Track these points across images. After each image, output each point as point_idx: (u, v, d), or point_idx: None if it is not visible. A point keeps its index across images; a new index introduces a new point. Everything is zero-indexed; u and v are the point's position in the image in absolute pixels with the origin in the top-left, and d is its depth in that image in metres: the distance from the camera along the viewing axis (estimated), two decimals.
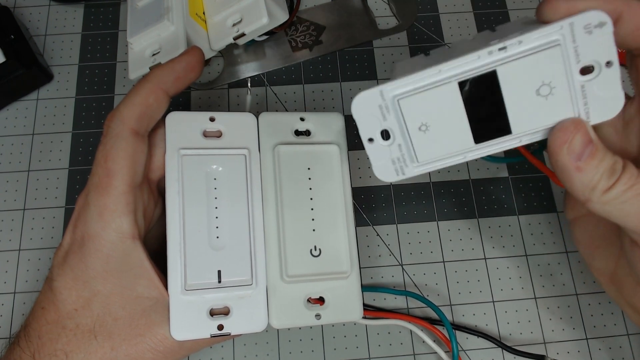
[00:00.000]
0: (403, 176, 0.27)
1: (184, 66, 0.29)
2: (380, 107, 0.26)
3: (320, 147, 0.31)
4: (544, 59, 0.23)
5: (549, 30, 0.23)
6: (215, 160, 0.29)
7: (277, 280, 0.29)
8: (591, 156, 0.24)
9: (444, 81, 0.24)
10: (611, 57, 0.23)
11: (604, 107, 0.24)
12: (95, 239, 0.27)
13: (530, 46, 0.23)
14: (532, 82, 0.24)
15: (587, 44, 0.23)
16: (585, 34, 0.23)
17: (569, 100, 0.24)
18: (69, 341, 0.26)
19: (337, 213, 0.30)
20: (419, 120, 0.25)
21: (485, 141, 0.25)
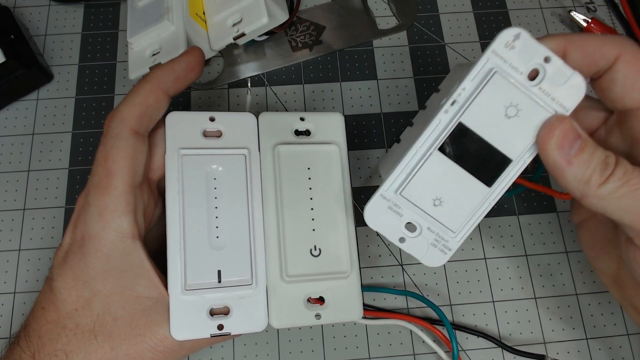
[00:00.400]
0: (451, 252, 0.27)
1: (184, 66, 0.29)
2: (390, 208, 0.27)
3: (320, 147, 0.31)
4: (493, 89, 0.25)
5: (480, 65, 0.25)
6: (215, 160, 0.29)
7: (277, 280, 0.29)
8: (581, 149, 0.24)
9: (426, 155, 0.26)
10: (544, 54, 0.25)
11: (570, 93, 0.25)
12: (95, 238, 0.27)
13: (474, 86, 0.25)
14: (497, 111, 0.25)
15: (517, 56, 0.25)
16: (509, 50, 0.25)
17: (538, 106, 0.25)
18: (69, 341, 0.26)
19: (337, 213, 0.30)
20: (429, 198, 0.26)
21: (496, 180, 0.26)
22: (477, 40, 0.43)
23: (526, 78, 0.25)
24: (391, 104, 0.41)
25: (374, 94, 0.41)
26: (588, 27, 0.41)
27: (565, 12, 0.44)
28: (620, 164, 0.24)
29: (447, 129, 0.25)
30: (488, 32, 0.43)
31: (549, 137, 0.25)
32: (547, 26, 0.44)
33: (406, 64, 0.42)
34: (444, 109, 0.25)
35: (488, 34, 0.43)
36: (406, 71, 0.42)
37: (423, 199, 0.26)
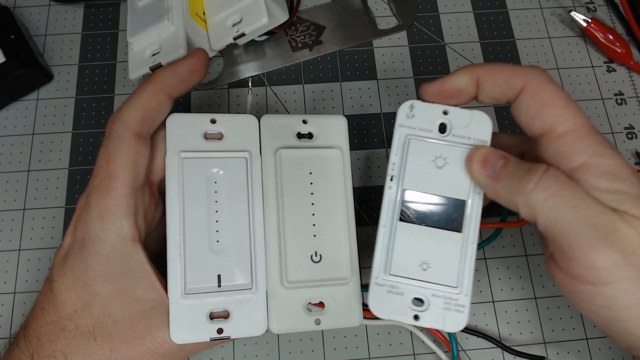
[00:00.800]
0: (466, 309, 0.28)
1: (188, 69, 0.29)
2: (390, 291, 0.28)
3: (323, 151, 0.31)
4: (415, 152, 0.28)
5: (396, 139, 0.29)
6: (216, 164, 0.29)
7: (277, 285, 0.29)
8: (504, 166, 0.26)
9: (393, 230, 0.28)
10: (440, 109, 0.29)
11: (479, 127, 0.28)
12: (96, 240, 0.27)
13: (400, 158, 0.28)
14: (428, 167, 0.28)
15: (420, 121, 0.29)
16: (412, 119, 0.29)
17: (458, 147, 0.28)
18: (68, 342, 0.26)
19: (339, 218, 0.30)
20: (416, 265, 0.28)
21: (463, 223, 0.28)
22: (477, 40, 0.43)
23: (438, 133, 0.28)
24: (391, 104, 0.41)
25: (374, 94, 0.41)
26: (588, 27, 0.41)
27: (565, 12, 0.44)
28: (551, 173, 0.25)
29: (398, 201, 0.28)
30: (488, 32, 0.43)
31: (471, 163, 0.27)
32: (547, 26, 0.44)
33: (406, 64, 0.42)
34: (387, 187, 0.28)
35: (488, 34, 0.43)
36: (406, 71, 0.42)
37: (411, 269, 0.28)
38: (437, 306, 0.28)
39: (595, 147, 0.25)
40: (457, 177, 0.28)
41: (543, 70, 0.27)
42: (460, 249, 0.28)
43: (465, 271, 0.28)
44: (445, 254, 0.28)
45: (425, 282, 0.28)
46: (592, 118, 0.41)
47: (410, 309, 0.28)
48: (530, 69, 0.27)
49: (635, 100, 0.42)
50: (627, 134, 0.41)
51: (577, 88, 0.42)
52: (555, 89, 0.26)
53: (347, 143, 0.32)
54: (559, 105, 0.26)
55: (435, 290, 0.28)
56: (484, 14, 0.44)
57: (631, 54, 0.42)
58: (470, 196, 0.28)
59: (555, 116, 0.26)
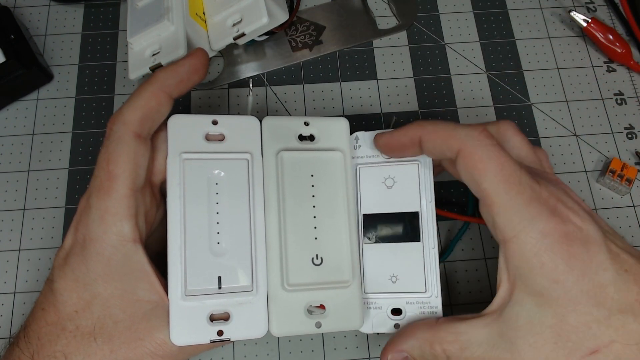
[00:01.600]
0: (439, 309, 0.30)
1: (188, 69, 0.29)
2: (370, 308, 0.31)
3: (324, 153, 0.31)
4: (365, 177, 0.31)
5: None
6: (217, 165, 0.29)
7: (277, 288, 0.29)
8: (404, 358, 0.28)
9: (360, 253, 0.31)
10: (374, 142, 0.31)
11: None
12: (97, 241, 0.27)
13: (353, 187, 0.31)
14: (380, 189, 0.31)
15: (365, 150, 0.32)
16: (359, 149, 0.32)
17: (404, 166, 0.31)
18: (68, 343, 0.26)
19: (340, 221, 0.30)
20: (386, 280, 0.31)
21: (419, 232, 0.30)
22: (477, 40, 0.43)
23: (383, 156, 0.31)
24: (391, 104, 0.41)
25: (374, 94, 0.41)
26: (588, 27, 0.41)
27: (565, 12, 0.44)
28: None
29: (359, 226, 0.31)
30: (488, 32, 0.43)
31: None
32: (547, 26, 0.44)
33: (406, 64, 0.42)
34: (355, 200, 0.31)
35: (488, 34, 0.43)
36: (406, 71, 0.42)
37: (383, 284, 0.30)
38: (412, 312, 0.30)
39: (522, 213, 0.25)
40: (406, 192, 0.31)
41: (483, 130, 0.26)
42: (422, 256, 0.30)
43: (431, 275, 0.30)
44: (410, 264, 0.30)
45: (398, 293, 0.30)
46: (592, 118, 0.41)
47: (390, 319, 0.30)
48: (469, 131, 0.27)
49: (635, 100, 0.42)
50: (627, 134, 0.41)
51: (577, 88, 0.42)
52: (488, 152, 0.26)
53: (348, 145, 0.32)
54: (490, 172, 0.26)
55: (408, 299, 0.30)
56: (484, 14, 0.44)
57: (631, 54, 0.42)
58: (422, 206, 0.31)
59: (487, 182, 0.26)
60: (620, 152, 0.40)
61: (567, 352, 0.24)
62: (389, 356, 0.29)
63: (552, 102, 0.41)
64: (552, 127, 0.41)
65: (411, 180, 0.31)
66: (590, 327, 0.24)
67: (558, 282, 0.24)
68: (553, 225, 0.25)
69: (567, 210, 0.25)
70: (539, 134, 0.40)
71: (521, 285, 0.26)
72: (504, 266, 0.26)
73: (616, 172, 0.38)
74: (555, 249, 0.24)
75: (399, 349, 0.28)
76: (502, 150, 0.26)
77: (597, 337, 0.24)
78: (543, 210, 0.25)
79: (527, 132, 0.40)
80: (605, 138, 0.40)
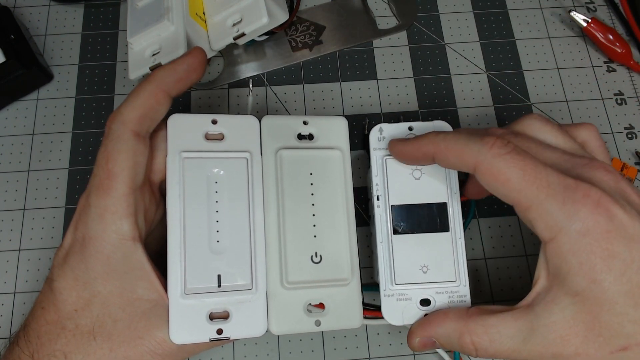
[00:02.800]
0: (467, 297, 0.31)
1: (186, 67, 0.29)
2: (399, 299, 0.30)
3: (323, 152, 0.31)
4: (393, 169, 0.31)
5: (374, 163, 0.32)
6: (217, 164, 0.29)
7: (277, 286, 0.29)
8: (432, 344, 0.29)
9: (390, 244, 0.31)
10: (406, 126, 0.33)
11: None
12: (96, 240, 0.27)
13: (382, 178, 0.31)
14: (408, 181, 0.31)
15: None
16: (383, 141, 0.32)
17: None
18: (68, 342, 0.26)
19: (339, 219, 0.30)
20: (417, 270, 0.31)
21: (448, 222, 0.31)
22: (477, 40, 0.43)
23: None
24: (391, 104, 0.41)
25: (374, 94, 0.41)
26: (588, 27, 0.41)
27: (565, 12, 0.44)
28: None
29: (388, 217, 0.31)
30: (488, 32, 0.43)
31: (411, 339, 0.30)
32: (547, 26, 0.44)
33: (406, 64, 0.42)
34: (375, 206, 0.31)
35: (488, 34, 0.43)
36: (406, 71, 0.42)
37: (414, 275, 0.30)
38: (442, 302, 0.30)
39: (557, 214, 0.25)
40: (434, 183, 0.31)
41: (496, 141, 0.26)
42: (451, 246, 0.31)
43: (459, 264, 0.31)
44: (440, 254, 0.31)
45: (428, 283, 0.30)
46: (592, 118, 0.41)
47: (419, 310, 0.30)
48: (481, 145, 0.26)
49: (635, 100, 0.42)
50: (627, 134, 0.41)
51: (577, 88, 0.42)
52: (506, 162, 0.25)
53: (347, 144, 0.32)
54: (513, 180, 0.25)
55: (438, 288, 0.30)
56: (484, 14, 0.44)
57: (631, 54, 0.42)
58: (449, 197, 0.31)
59: (514, 192, 0.25)
60: (620, 152, 0.40)
61: (597, 345, 0.24)
62: (416, 339, 0.29)
63: (552, 102, 0.41)
64: None
65: (439, 172, 0.31)
66: (624, 326, 0.24)
67: (596, 282, 0.24)
68: (593, 223, 0.24)
69: (613, 205, 0.25)
70: None
71: (559, 284, 0.26)
72: (544, 264, 0.26)
73: None
74: (593, 249, 0.24)
75: (427, 335, 0.29)
76: (520, 154, 0.26)
77: (630, 336, 0.24)
78: (580, 208, 0.24)
79: None
80: (605, 138, 0.40)
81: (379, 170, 0.32)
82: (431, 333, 0.29)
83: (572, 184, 0.25)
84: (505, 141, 0.26)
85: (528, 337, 0.26)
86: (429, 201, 0.31)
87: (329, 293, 0.30)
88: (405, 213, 0.31)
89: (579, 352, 0.25)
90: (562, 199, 0.25)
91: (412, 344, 0.29)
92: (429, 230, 0.31)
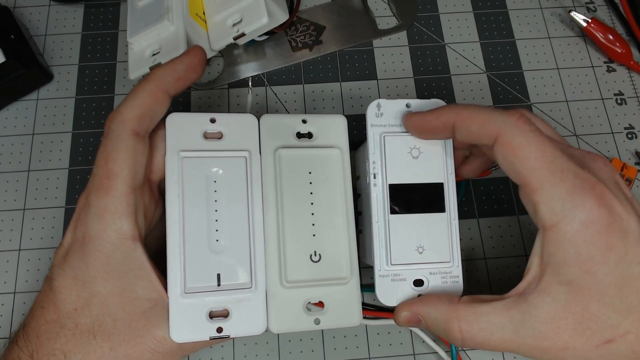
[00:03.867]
0: (460, 278, 0.31)
1: (185, 66, 0.29)
2: (393, 280, 0.30)
3: (322, 151, 0.31)
4: (391, 147, 0.31)
5: (370, 139, 0.31)
6: (216, 163, 0.29)
7: (276, 285, 0.29)
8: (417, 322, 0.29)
9: (386, 224, 0.30)
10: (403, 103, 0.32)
11: None
12: (96, 239, 0.27)
13: (379, 155, 0.31)
14: (406, 159, 0.31)
15: (387, 119, 0.31)
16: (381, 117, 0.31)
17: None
18: (67, 341, 0.26)
19: (338, 218, 0.30)
20: (413, 251, 0.30)
21: (444, 203, 0.31)
22: (477, 40, 0.43)
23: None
24: None
25: (374, 94, 0.41)
26: (588, 27, 0.41)
27: (565, 12, 0.44)
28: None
29: (385, 196, 0.30)
30: (488, 32, 0.43)
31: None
32: (547, 26, 0.44)
33: (406, 64, 0.42)
34: (372, 184, 0.30)
35: (488, 34, 0.43)
36: (406, 71, 0.42)
37: (409, 255, 0.30)
38: (435, 282, 0.30)
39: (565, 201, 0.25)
40: (432, 162, 0.31)
41: (521, 116, 0.26)
42: (447, 226, 0.31)
43: (453, 245, 0.31)
44: (436, 234, 0.30)
45: (424, 263, 0.30)
46: (592, 118, 0.41)
47: (413, 290, 0.30)
48: (506, 117, 0.26)
49: (635, 100, 0.42)
50: (627, 134, 0.41)
51: (577, 88, 0.42)
52: (528, 138, 0.25)
53: (346, 142, 0.32)
54: (531, 158, 0.25)
55: (432, 269, 0.30)
56: (484, 14, 0.44)
57: (631, 54, 0.42)
58: (446, 178, 0.31)
59: (528, 170, 0.25)
60: (620, 152, 0.40)
61: (585, 339, 0.25)
62: (403, 313, 0.29)
63: (552, 102, 0.41)
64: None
65: (437, 151, 0.31)
66: (610, 316, 0.24)
67: (590, 273, 0.24)
68: (597, 215, 0.24)
69: (613, 199, 0.25)
70: None
71: (552, 272, 0.26)
72: (539, 252, 0.26)
73: None
74: (594, 240, 0.24)
75: (416, 312, 0.29)
76: (542, 135, 0.26)
77: (615, 327, 0.24)
78: (587, 199, 0.25)
79: None
80: (605, 138, 0.40)
81: (377, 148, 0.31)
82: (419, 311, 0.29)
83: (581, 174, 0.25)
84: (530, 120, 0.26)
85: (519, 328, 0.26)
86: (427, 181, 0.31)
87: (328, 292, 0.30)
88: (402, 192, 0.30)
89: (567, 346, 0.25)
90: (571, 186, 0.25)
91: (398, 318, 0.29)
92: (426, 210, 0.30)
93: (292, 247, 0.29)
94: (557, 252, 0.25)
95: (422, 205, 0.30)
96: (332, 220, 0.30)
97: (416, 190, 0.30)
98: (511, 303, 0.26)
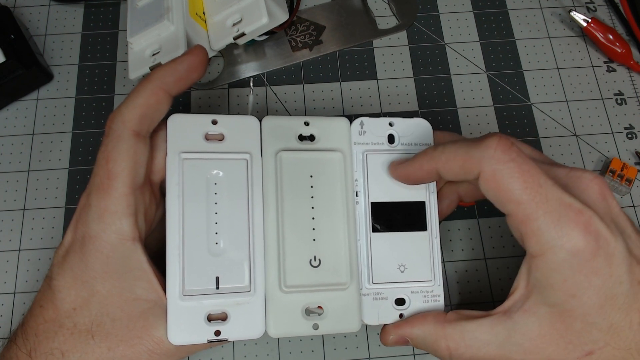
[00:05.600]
0: (441, 297, 0.31)
1: (187, 66, 0.29)
2: (375, 298, 0.30)
3: (324, 154, 0.31)
4: (373, 164, 0.31)
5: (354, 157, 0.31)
6: (216, 165, 0.29)
7: (275, 289, 0.29)
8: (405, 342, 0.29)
9: (368, 242, 0.30)
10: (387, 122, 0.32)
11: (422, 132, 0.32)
12: (96, 240, 0.27)
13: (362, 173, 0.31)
14: (387, 178, 0.31)
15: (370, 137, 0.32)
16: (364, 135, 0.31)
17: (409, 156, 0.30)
18: (65, 340, 0.26)
19: (339, 223, 0.30)
20: (394, 269, 0.30)
21: (426, 222, 0.31)
22: (477, 40, 0.43)
23: (388, 144, 0.32)
24: (391, 104, 0.41)
25: (374, 94, 0.41)
26: (588, 27, 0.41)
27: (565, 12, 0.44)
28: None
29: (368, 214, 0.30)
30: (488, 32, 0.43)
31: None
32: (547, 26, 0.44)
33: (406, 64, 0.42)
34: (354, 202, 0.31)
35: (488, 34, 0.43)
36: (406, 71, 0.42)
37: (391, 274, 0.30)
38: (417, 301, 0.30)
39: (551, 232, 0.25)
40: None
41: (498, 144, 0.25)
42: (428, 245, 0.31)
43: (435, 264, 0.31)
44: (417, 253, 0.31)
45: (406, 282, 0.30)
46: (592, 118, 0.41)
47: (395, 309, 0.30)
48: (484, 150, 0.26)
49: (635, 100, 0.42)
50: (627, 134, 0.41)
51: (577, 88, 0.42)
52: (509, 170, 0.25)
53: (349, 146, 0.31)
54: (514, 191, 0.25)
55: (413, 288, 0.30)
56: (484, 14, 0.44)
57: (631, 54, 0.42)
58: (427, 197, 0.31)
59: (513, 203, 0.25)
60: (620, 152, 0.40)
61: (567, 352, 0.25)
62: (390, 336, 0.29)
63: (552, 102, 0.41)
64: (552, 127, 0.41)
65: None
66: (591, 333, 0.25)
67: (575, 297, 0.25)
68: (583, 244, 0.25)
69: (599, 224, 0.25)
70: (539, 134, 0.40)
71: (538, 294, 0.26)
72: (525, 275, 0.27)
73: (616, 172, 0.38)
74: (580, 267, 0.25)
75: (402, 334, 0.29)
76: (523, 161, 0.25)
77: (595, 342, 0.25)
78: (573, 228, 0.25)
79: (527, 132, 0.40)
80: (605, 138, 0.40)
81: (359, 166, 0.31)
82: (406, 333, 0.29)
83: (566, 201, 0.25)
84: (509, 143, 0.26)
85: (504, 344, 0.26)
86: (408, 199, 0.31)
87: (327, 297, 0.29)
88: (385, 211, 0.31)
89: (550, 358, 0.26)
90: (557, 216, 0.25)
91: (385, 340, 0.30)
92: (407, 229, 0.31)
93: (291, 251, 0.29)
94: (543, 278, 0.26)
95: (404, 224, 0.31)
96: (332, 224, 0.30)
97: (398, 209, 0.31)
98: (496, 320, 0.27)
